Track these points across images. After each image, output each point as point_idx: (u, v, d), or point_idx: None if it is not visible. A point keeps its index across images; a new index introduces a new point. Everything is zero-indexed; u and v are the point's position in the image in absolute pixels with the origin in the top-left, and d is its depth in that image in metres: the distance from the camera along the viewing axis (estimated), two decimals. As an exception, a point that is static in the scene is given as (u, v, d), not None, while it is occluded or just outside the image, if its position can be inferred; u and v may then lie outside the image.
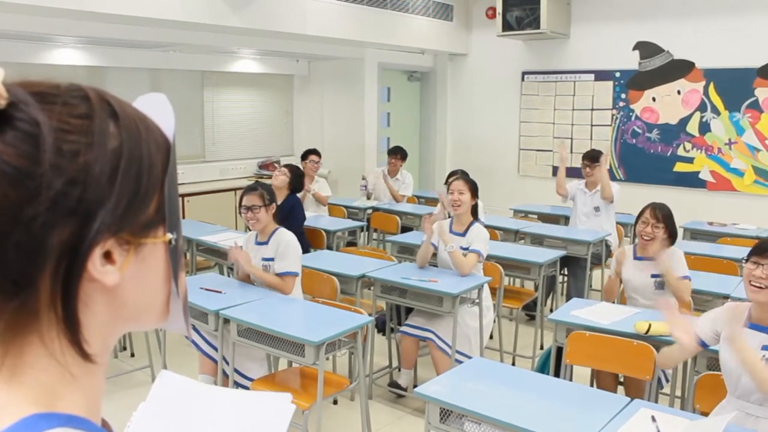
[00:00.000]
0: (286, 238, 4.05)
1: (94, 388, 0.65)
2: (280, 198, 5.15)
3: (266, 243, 4.08)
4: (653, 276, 3.92)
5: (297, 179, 5.73)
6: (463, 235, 4.45)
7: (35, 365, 0.60)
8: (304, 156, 7.06)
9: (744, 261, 2.83)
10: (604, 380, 3.72)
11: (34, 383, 0.60)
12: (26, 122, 0.56)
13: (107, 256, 0.60)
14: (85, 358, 0.61)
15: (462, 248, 4.35)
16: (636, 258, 4.03)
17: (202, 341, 3.99)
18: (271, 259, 4.04)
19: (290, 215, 5.32)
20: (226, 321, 3.60)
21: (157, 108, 0.67)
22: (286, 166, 5.89)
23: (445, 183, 6.08)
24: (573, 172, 6.95)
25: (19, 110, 0.56)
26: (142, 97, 0.68)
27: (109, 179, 0.58)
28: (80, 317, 0.60)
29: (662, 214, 3.97)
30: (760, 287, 2.69)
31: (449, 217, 4.67)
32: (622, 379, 3.90)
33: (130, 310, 0.65)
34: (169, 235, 0.66)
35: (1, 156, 0.54)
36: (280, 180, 5.59)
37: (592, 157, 6.09)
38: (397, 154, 7.57)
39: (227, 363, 3.71)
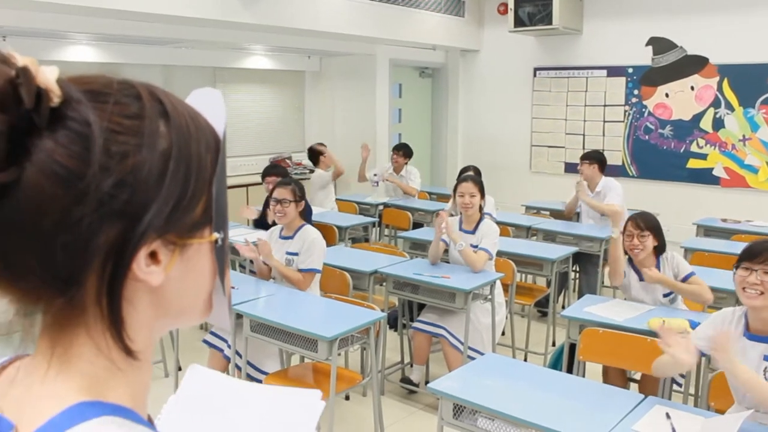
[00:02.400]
0: (313, 235, 4.07)
1: (140, 382, 0.66)
2: None
3: (291, 238, 4.10)
4: (665, 295, 3.75)
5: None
6: (473, 232, 4.44)
7: (83, 357, 0.61)
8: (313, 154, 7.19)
9: (734, 267, 2.75)
10: (612, 376, 3.70)
11: (82, 374, 0.61)
12: (78, 122, 0.56)
13: (152, 256, 0.61)
14: (129, 354, 0.62)
15: (473, 246, 4.35)
16: (641, 280, 3.77)
17: (213, 337, 4.01)
18: (296, 254, 4.06)
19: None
20: (239, 316, 3.61)
21: (209, 103, 0.67)
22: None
23: (458, 179, 6.07)
24: (576, 168, 6.87)
25: (71, 109, 0.56)
26: (196, 91, 0.68)
27: (157, 182, 0.58)
28: (124, 315, 0.61)
29: (645, 223, 3.77)
30: (756, 293, 2.62)
31: (457, 214, 4.67)
32: (631, 376, 3.89)
33: (173, 308, 0.66)
34: (216, 235, 0.66)
35: (52, 156, 0.54)
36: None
37: (584, 155, 6.16)
38: (400, 150, 7.55)
39: (240, 357, 3.73)
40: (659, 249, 3.78)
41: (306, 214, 5.46)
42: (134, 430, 0.59)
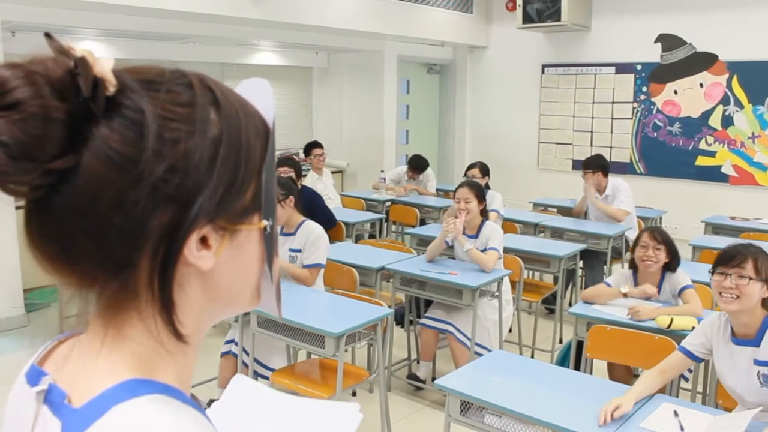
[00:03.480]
0: (315, 231, 4.05)
1: (187, 365, 0.68)
2: None
3: (293, 234, 4.08)
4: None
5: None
6: (476, 236, 4.43)
7: (134, 338, 0.63)
8: (307, 150, 7.06)
9: (710, 272, 2.74)
10: (618, 373, 3.70)
11: (133, 353, 0.63)
12: (132, 110, 0.58)
13: (203, 241, 0.62)
14: (178, 338, 0.64)
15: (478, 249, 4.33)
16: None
17: (225, 345, 4.00)
18: (299, 251, 4.04)
19: (313, 207, 5.23)
20: (246, 312, 3.62)
21: (258, 93, 0.68)
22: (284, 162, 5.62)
23: (464, 175, 6.06)
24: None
25: (126, 97, 0.58)
26: (245, 81, 0.70)
27: (208, 167, 0.60)
28: (175, 299, 0.63)
29: (662, 237, 3.69)
30: (732, 297, 2.62)
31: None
32: (636, 373, 3.88)
33: (223, 293, 0.67)
34: (265, 222, 0.67)
35: (107, 142, 0.57)
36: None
37: (586, 164, 6.07)
38: (412, 165, 7.43)
39: (247, 354, 3.73)
40: (670, 266, 3.70)
41: (302, 204, 5.33)
42: (181, 409, 0.61)
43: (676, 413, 2.47)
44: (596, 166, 5.98)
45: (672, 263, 3.69)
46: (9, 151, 0.54)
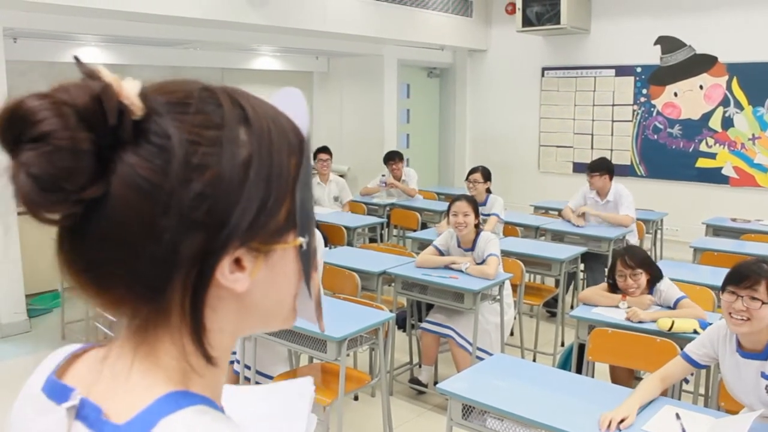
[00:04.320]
0: None
1: (217, 384, 0.68)
2: None
3: None
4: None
5: None
6: (472, 249, 4.42)
7: (167, 355, 0.63)
8: (314, 155, 7.05)
9: (721, 290, 2.65)
10: (619, 376, 3.69)
11: (167, 368, 0.63)
12: (159, 135, 0.57)
13: (237, 263, 0.61)
14: (208, 361, 0.64)
15: (477, 263, 4.32)
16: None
17: None
18: None
19: None
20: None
21: (291, 103, 0.68)
22: None
23: (466, 179, 6.06)
24: (584, 168, 6.79)
25: (153, 122, 0.58)
26: (280, 91, 0.69)
27: (237, 191, 0.59)
28: (207, 323, 0.63)
29: (634, 260, 3.63)
30: (742, 319, 2.53)
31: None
32: (638, 375, 3.87)
33: (257, 313, 0.67)
34: (300, 239, 0.66)
35: (135, 169, 0.56)
36: None
37: (592, 167, 6.01)
38: (395, 158, 7.44)
39: (249, 369, 3.73)
40: (653, 280, 3.66)
41: None
42: (222, 419, 0.61)
43: (678, 416, 2.47)
44: (603, 169, 5.97)
45: (654, 277, 3.66)
46: (39, 183, 0.54)
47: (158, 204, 0.57)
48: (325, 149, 7.09)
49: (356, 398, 4.32)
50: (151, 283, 0.59)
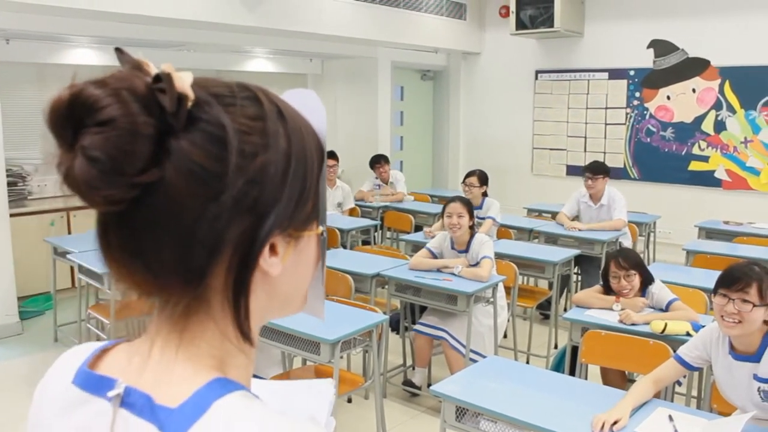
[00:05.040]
0: None
1: (250, 365, 0.71)
2: None
3: None
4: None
5: None
6: (466, 251, 4.42)
7: (210, 342, 0.66)
8: None
9: (712, 293, 2.66)
10: (612, 378, 3.70)
11: (210, 356, 0.66)
12: (212, 124, 0.60)
13: (272, 249, 0.65)
14: (247, 340, 0.67)
15: (471, 266, 4.32)
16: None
17: None
18: None
19: None
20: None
21: (307, 105, 0.70)
22: None
23: (463, 182, 6.07)
24: (579, 171, 6.80)
25: (204, 112, 0.60)
26: (290, 92, 0.71)
27: (282, 179, 0.63)
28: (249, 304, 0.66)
29: (627, 261, 3.66)
30: (734, 322, 2.55)
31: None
32: (630, 377, 3.88)
33: (282, 296, 0.71)
34: (321, 228, 0.71)
35: (190, 156, 0.58)
36: None
37: (594, 170, 6.01)
38: (380, 161, 7.48)
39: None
40: (645, 282, 3.69)
41: None
42: (258, 406, 0.63)
43: (670, 418, 2.48)
44: (603, 171, 6.01)
45: (646, 279, 3.69)
46: (100, 165, 0.56)
47: (212, 190, 0.59)
48: (332, 155, 7.08)
49: (350, 400, 4.32)
50: (199, 267, 0.61)
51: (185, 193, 0.58)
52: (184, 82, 0.59)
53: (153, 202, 0.58)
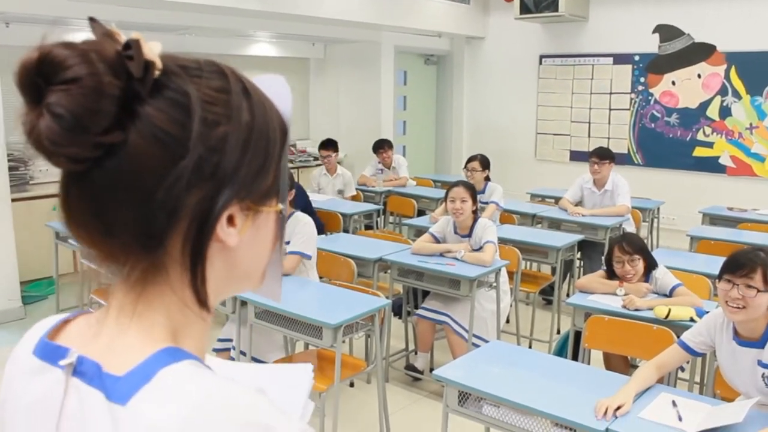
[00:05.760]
0: (303, 220, 4.02)
1: (205, 336, 0.73)
2: None
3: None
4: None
5: None
6: (469, 235, 4.41)
7: (163, 311, 0.67)
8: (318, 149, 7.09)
9: (717, 278, 2.66)
10: (614, 363, 3.70)
11: (163, 325, 0.67)
12: (177, 92, 0.62)
13: (229, 220, 0.67)
14: (204, 307, 0.69)
15: (474, 250, 4.31)
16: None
17: (219, 342, 3.98)
18: (287, 243, 4.01)
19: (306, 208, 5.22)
20: (244, 303, 3.61)
21: (274, 88, 0.72)
22: None
23: (465, 167, 6.04)
24: (583, 156, 6.77)
25: (170, 80, 0.63)
26: (260, 76, 0.73)
27: (242, 150, 0.65)
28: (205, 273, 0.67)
29: (632, 246, 3.66)
30: (738, 308, 2.55)
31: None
32: (633, 363, 3.88)
33: (239, 271, 0.72)
34: (281, 206, 0.73)
35: (154, 121, 0.61)
36: None
37: (601, 155, 5.99)
38: (383, 146, 7.43)
39: (244, 355, 3.73)
40: (649, 267, 3.69)
41: (298, 202, 5.31)
42: (207, 374, 0.64)
43: (674, 403, 2.47)
44: (609, 156, 6.00)
45: (650, 265, 3.68)
46: (64, 122, 0.58)
47: (174, 154, 0.61)
48: (329, 144, 7.00)
49: (352, 385, 4.32)
50: (157, 232, 0.63)
51: (147, 157, 0.60)
52: (152, 50, 0.61)
53: (115, 164, 0.60)
